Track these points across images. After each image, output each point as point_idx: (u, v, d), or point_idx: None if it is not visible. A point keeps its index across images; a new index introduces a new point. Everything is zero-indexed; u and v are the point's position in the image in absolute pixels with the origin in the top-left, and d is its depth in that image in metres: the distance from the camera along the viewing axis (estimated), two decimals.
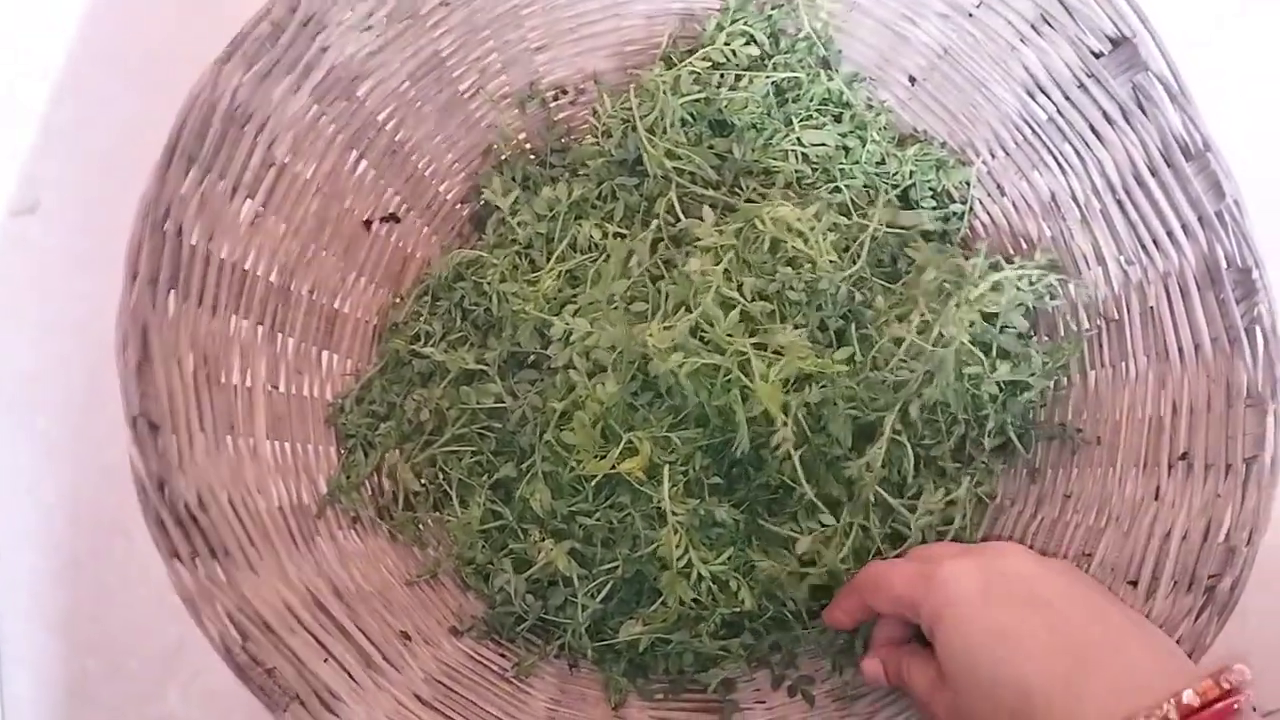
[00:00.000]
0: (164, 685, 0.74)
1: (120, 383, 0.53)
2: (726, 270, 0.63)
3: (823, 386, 0.60)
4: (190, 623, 0.50)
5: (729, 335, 0.60)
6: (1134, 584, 0.56)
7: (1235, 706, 0.42)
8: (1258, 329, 0.56)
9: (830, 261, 0.64)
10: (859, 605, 0.58)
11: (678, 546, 0.59)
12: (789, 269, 0.63)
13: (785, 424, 0.59)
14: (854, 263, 0.66)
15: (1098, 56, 0.61)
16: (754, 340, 0.61)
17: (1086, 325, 0.66)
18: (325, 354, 0.69)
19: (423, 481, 0.68)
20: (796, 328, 0.63)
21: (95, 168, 0.85)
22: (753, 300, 0.63)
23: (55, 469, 0.78)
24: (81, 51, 0.88)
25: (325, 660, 0.53)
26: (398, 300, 0.74)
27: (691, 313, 0.61)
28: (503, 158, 0.76)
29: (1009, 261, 0.68)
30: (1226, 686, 0.42)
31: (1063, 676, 0.45)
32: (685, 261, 0.63)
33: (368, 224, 0.71)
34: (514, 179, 0.74)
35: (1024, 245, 0.70)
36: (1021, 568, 0.51)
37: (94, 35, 0.90)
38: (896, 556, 0.62)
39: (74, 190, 0.85)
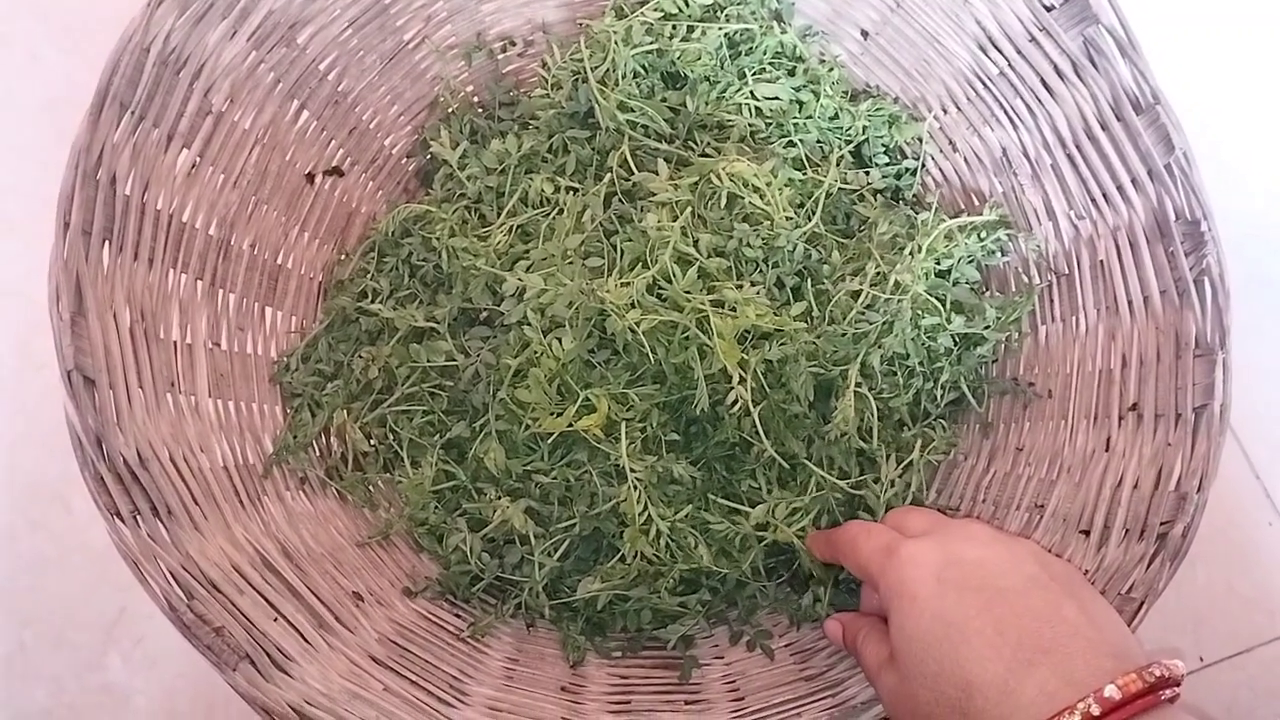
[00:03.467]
0: (105, 654, 0.72)
1: (54, 336, 0.51)
2: (684, 227, 0.62)
3: (782, 344, 0.60)
4: (132, 590, 0.49)
5: (687, 292, 0.59)
6: (1086, 533, 0.56)
7: (1162, 698, 0.42)
8: (1206, 280, 0.56)
9: (787, 218, 0.63)
10: (832, 554, 0.58)
11: (637, 503, 0.59)
12: (745, 225, 0.63)
13: (743, 380, 0.59)
14: (809, 218, 0.65)
15: (1049, 10, 0.61)
16: (711, 297, 0.60)
17: (1037, 280, 0.67)
18: (269, 310, 0.67)
19: (372, 442, 0.66)
20: (753, 285, 0.62)
21: (24, 127, 0.82)
22: (709, 257, 0.62)
23: None
24: (8, 8, 0.84)
25: (275, 620, 0.52)
26: (343, 256, 0.72)
27: (648, 269, 0.60)
28: (449, 110, 0.74)
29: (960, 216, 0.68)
30: (1151, 680, 0.42)
31: (1001, 675, 0.44)
32: (641, 217, 0.62)
33: (310, 177, 0.69)
34: (461, 131, 0.72)
35: (975, 201, 0.70)
36: (981, 554, 0.50)
37: None
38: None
39: (4, 151, 0.82)
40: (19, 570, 0.73)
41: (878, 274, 0.63)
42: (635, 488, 0.59)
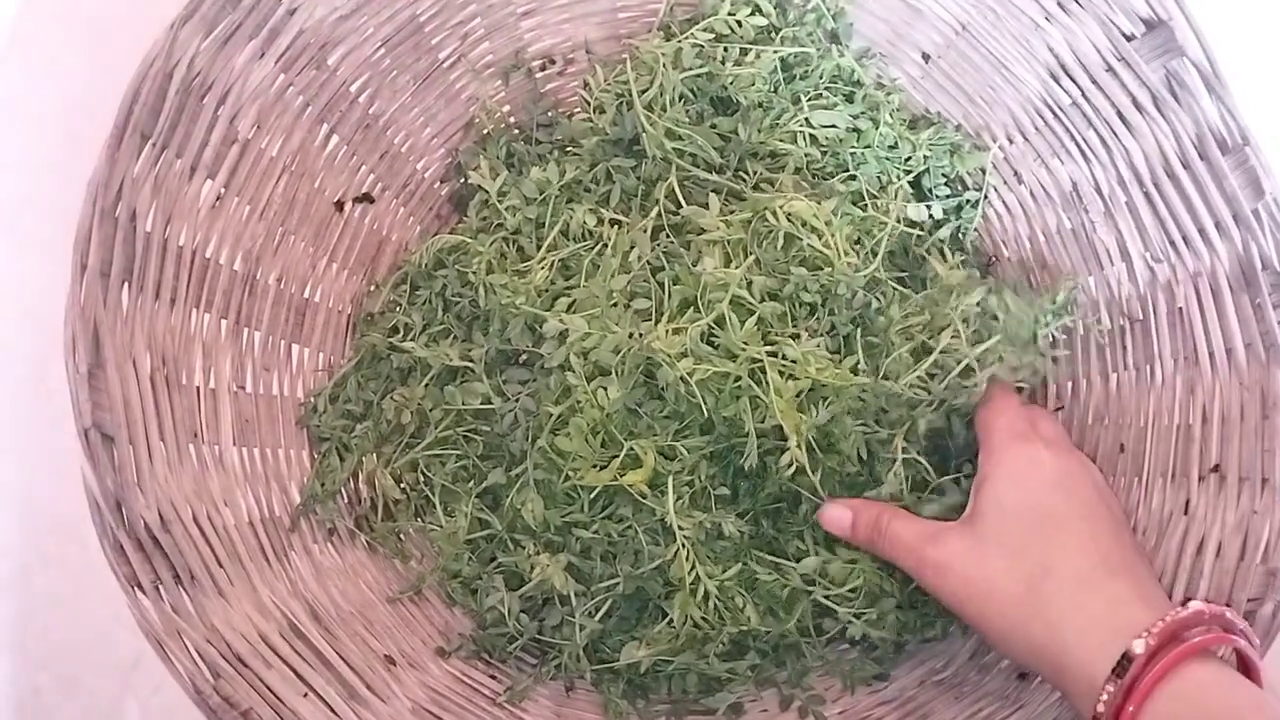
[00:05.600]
0: (122, 701, 0.69)
1: (70, 391, 0.48)
2: (740, 266, 0.59)
3: (829, 404, 0.56)
4: None
5: (744, 343, 0.56)
6: None
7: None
8: None
9: (848, 263, 0.59)
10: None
11: (685, 562, 0.55)
12: (803, 269, 0.59)
13: (797, 443, 0.55)
14: (869, 261, 0.61)
15: (1129, 39, 0.58)
16: (768, 348, 0.56)
17: (1107, 323, 0.63)
18: (295, 348, 0.64)
19: (403, 487, 0.63)
20: (812, 335, 0.58)
21: (40, 135, 0.78)
22: (763, 301, 0.58)
23: (1, 468, 0.72)
24: (24, 7, 0.80)
25: (305, 695, 0.49)
26: (373, 288, 0.69)
27: (700, 313, 0.57)
28: (485, 132, 0.70)
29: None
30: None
31: (1085, 571, 0.49)
32: (695, 257, 0.58)
33: (340, 205, 0.65)
34: (499, 157, 0.69)
35: (1043, 260, 0.66)
36: (1093, 480, 0.55)
37: None
38: None
39: (16, 160, 0.78)
40: (34, 610, 0.70)
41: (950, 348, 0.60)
42: (684, 546, 0.56)
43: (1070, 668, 0.46)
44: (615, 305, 0.59)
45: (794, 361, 0.55)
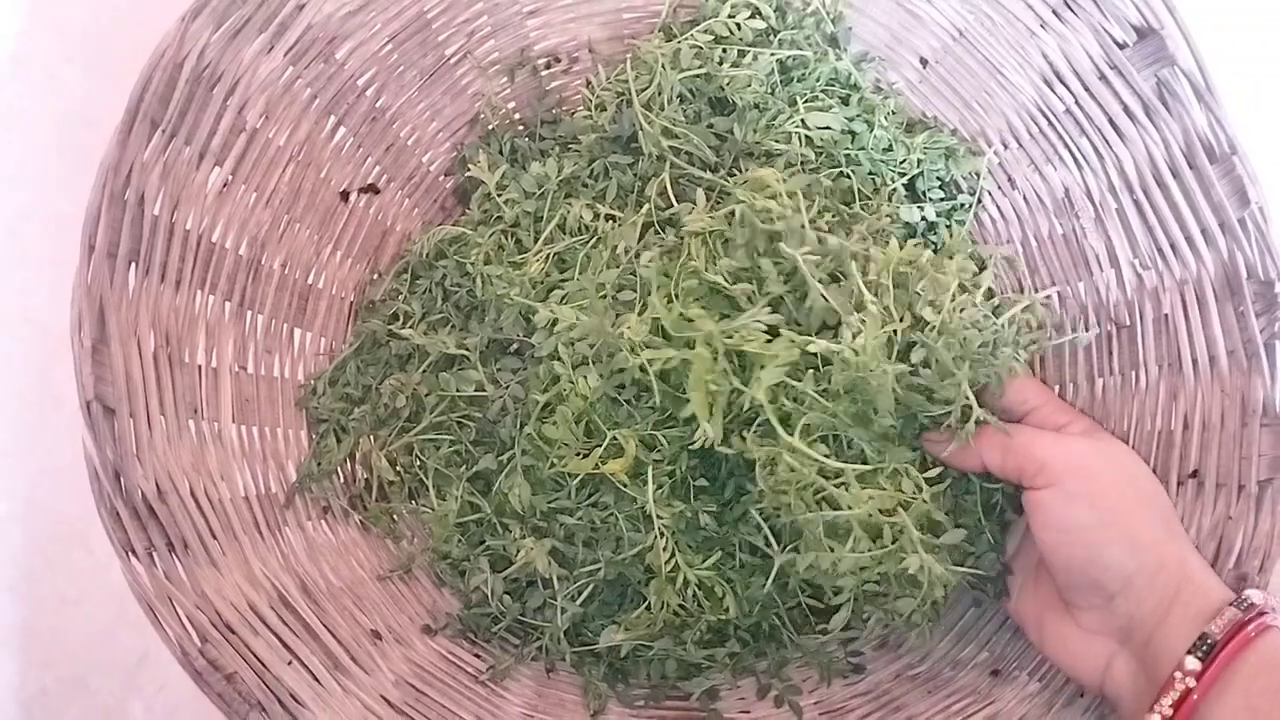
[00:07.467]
0: (127, 700, 0.71)
1: (75, 364, 0.50)
2: (712, 254, 0.59)
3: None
4: (154, 634, 0.48)
5: (686, 328, 0.55)
6: None
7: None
8: (1278, 345, 0.53)
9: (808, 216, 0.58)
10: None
11: (664, 550, 0.57)
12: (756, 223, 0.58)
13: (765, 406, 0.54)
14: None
15: (1122, 47, 0.58)
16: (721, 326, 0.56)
17: (1095, 327, 0.63)
18: (297, 332, 0.66)
19: (398, 470, 0.65)
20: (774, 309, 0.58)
21: (39, 149, 0.79)
22: (735, 283, 0.58)
23: (7, 475, 0.74)
24: (23, 25, 0.82)
25: (289, 663, 0.51)
26: (375, 276, 0.70)
27: (676, 304, 0.57)
28: (490, 128, 0.72)
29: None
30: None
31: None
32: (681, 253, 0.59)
33: (345, 195, 0.67)
34: (501, 152, 0.70)
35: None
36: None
37: (38, 7, 0.83)
38: None
39: (16, 173, 0.79)
40: (40, 612, 0.72)
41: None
42: (662, 535, 0.57)
43: (1187, 588, 0.49)
44: (604, 297, 0.60)
45: (729, 336, 0.55)
